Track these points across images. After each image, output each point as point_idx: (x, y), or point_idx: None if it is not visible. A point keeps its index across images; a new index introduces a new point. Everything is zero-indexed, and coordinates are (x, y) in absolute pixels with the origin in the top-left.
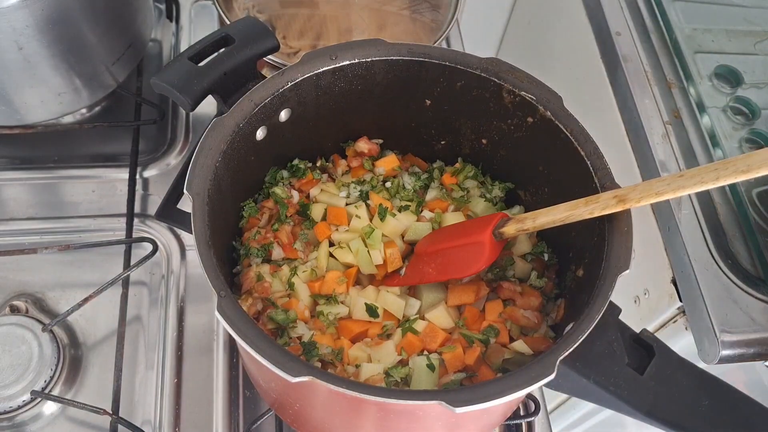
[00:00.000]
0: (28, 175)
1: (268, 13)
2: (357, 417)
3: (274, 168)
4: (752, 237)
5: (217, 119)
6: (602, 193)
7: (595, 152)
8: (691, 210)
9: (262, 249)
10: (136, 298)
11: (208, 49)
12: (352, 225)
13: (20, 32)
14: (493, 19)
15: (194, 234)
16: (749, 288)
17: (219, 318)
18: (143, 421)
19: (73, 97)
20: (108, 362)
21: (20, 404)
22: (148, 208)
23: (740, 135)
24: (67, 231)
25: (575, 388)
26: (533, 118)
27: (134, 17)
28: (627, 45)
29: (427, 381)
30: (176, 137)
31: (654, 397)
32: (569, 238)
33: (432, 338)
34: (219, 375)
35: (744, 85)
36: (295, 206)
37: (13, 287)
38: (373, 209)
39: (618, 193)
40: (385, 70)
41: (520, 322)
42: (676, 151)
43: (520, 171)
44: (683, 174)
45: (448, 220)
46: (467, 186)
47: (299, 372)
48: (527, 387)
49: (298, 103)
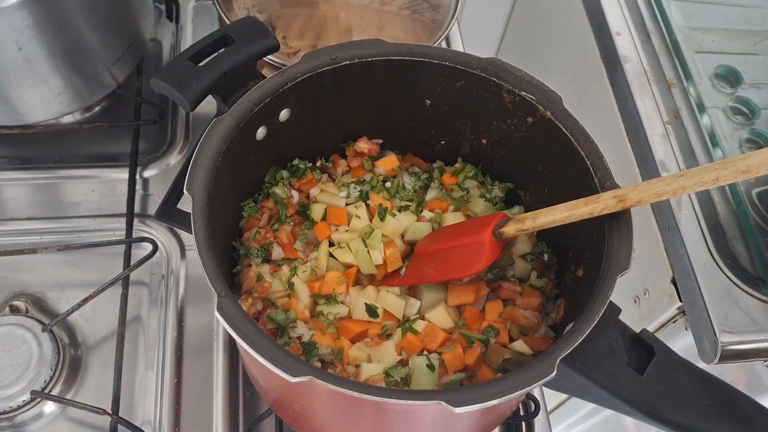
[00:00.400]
0: (28, 175)
1: (268, 13)
2: (357, 417)
3: (274, 168)
4: (752, 237)
5: (217, 119)
6: (602, 193)
7: (594, 152)
8: (691, 210)
9: (262, 249)
10: (136, 298)
11: (208, 49)
12: (352, 225)
13: (20, 32)
14: (493, 19)
15: (194, 234)
16: (749, 288)
17: (219, 318)
18: (143, 421)
19: (73, 97)
20: (108, 362)
21: (20, 404)
22: (148, 208)
23: (740, 135)
24: (67, 231)
25: (575, 388)
26: (533, 118)
27: (134, 17)
28: (627, 45)
29: (427, 381)
30: (176, 137)
31: (654, 397)
32: (569, 238)
33: (432, 338)
34: (219, 375)
35: (744, 85)
36: (295, 206)
37: (13, 287)
38: (373, 209)
39: (618, 193)
40: (385, 70)
41: (520, 322)
42: (676, 151)
43: (520, 171)
44: (683, 174)
45: (448, 220)
46: (467, 186)
47: (299, 372)
48: (527, 387)
49: (298, 103)
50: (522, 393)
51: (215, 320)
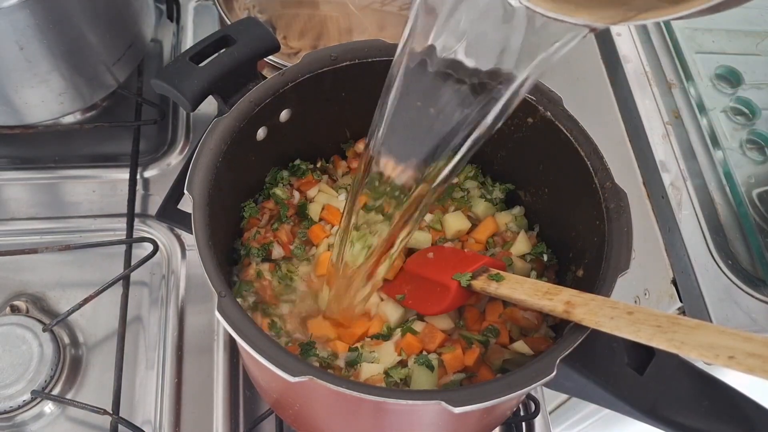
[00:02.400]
0: (29, 175)
1: (269, 14)
2: (357, 417)
3: (274, 168)
4: (752, 237)
5: (218, 120)
6: (561, 293)
7: (594, 153)
8: (692, 210)
9: (262, 249)
10: (136, 298)
11: (209, 49)
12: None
13: (21, 32)
14: None
15: (194, 234)
16: (749, 288)
17: (219, 318)
18: (143, 421)
19: (73, 97)
20: (108, 362)
21: (20, 404)
22: (149, 209)
23: (740, 135)
24: (67, 231)
25: (575, 388)
26: (533, 119)
27: (135, 17)
28: (627, 45)
29: (426, 381)
30: (177, 137)
31: (654, 397)
32: (569, 238)
33: (431, 339)
34: (219, 375)
35: (744, 85)
36: (295, 207)
37: (13, 287)
38: None
39: (571, 300)
40: (385, 71)
41: (520, 323)
42: (676, 151)
43: (520, 172)
44: (633, 311)
45: (448, 221)
46: (467, 186)
47: (299, 372)
48: (527, 387)
49: (299, 103)
50: (522, 393)
51: (215, 320)
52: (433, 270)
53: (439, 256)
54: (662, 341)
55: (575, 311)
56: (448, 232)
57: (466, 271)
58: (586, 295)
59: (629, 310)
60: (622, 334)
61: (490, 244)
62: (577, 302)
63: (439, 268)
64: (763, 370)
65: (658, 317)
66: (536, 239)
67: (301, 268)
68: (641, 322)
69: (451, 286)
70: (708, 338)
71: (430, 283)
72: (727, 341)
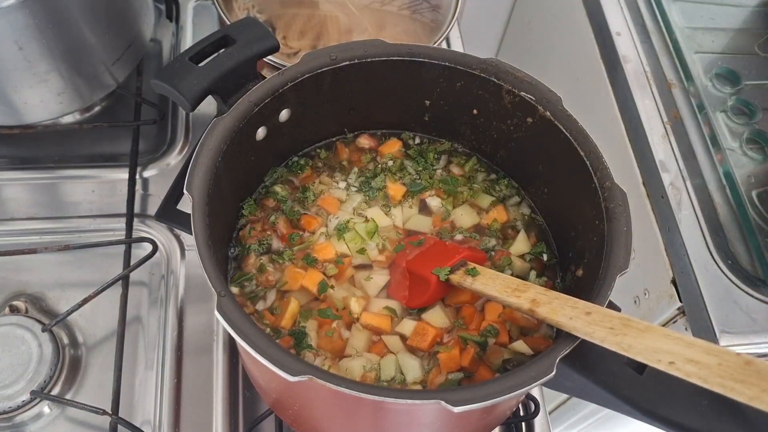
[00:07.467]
0: (28, 175)
1: (268, 14)
2: (356, 416)
3: (273, 167)
4: (752, 237)
5: (217, 119)
6: (529, 290)
7: (594, 152)
8: (691, 210)
9: (260, 245)
10: (135, 298)
11: (208, 49)
12: (341, 212)
13: (20, 32)
14: (493, 19)
15: (194, 234)
16: (749, 288)
17: (219, 318)
18: (143, 421)
19: (73, 97)
20: (108, 362)
21: (20, 404)
22: (148, 209)
23: (740, 135)
24: (67, 231)
25: (575, 387)
26: (533, 119)
27: (134, 17)
28: (627, 45)
29: (413, 371)
30: (176, 137)
31: (654, 397)
32: (569, 238)
33: (422, 337)
34: (219, 375)
35: (744, 85)
36: (294, 200)
37: (12, 287)
38: (393, 198)
39: (537, 298)
40: (384, 71)
41: (520, 323)
42: (676, 151)
43: (520, 171)
44: (591, 312)
45: (457, 213)
46: (476, 177)
47: (299, 371)
48: (526, 386)
49: (298, 103)
50: (521, 393)
51: (215, 320)
52: (416, 262)
53: (424, 248)
54: (612, 344)
55: (539, 309)
56: (464, 226)
57: (446, 265)
58: (551, 293)
59: (588, 311)
60: (579, 335)
61: (488, 233)
62: (542, 300)
63: (421, 260)
64: (698, 376)
65: (612, 319)
66: (536, 238)
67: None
68: (596, 324)
69: (431, 280)
70: (654, 342)
71: (413, 275)
72: (670, 346)
